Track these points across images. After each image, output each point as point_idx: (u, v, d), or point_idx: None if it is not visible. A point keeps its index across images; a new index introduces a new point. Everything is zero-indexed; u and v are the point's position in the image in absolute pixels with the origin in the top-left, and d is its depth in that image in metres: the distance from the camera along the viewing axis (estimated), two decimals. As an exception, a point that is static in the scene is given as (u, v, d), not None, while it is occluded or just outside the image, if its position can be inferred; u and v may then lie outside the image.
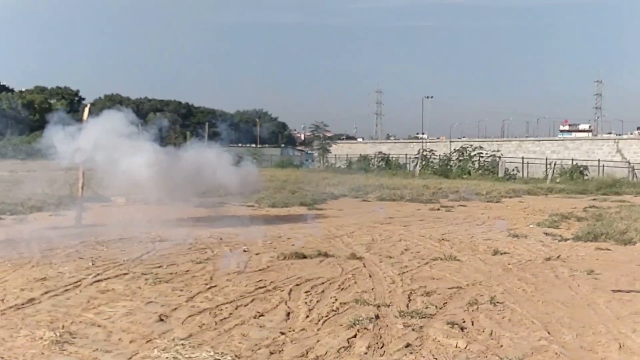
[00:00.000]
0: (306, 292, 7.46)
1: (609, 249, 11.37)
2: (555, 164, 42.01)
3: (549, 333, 5.97)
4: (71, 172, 13.70)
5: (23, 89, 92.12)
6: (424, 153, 49.20)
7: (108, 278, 7.97)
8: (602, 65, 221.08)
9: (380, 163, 52.68)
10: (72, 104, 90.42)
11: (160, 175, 13.77)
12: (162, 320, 6.16)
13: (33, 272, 8.27)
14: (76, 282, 7.70)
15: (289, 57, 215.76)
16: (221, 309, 6.57)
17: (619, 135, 76.37)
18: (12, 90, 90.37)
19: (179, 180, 14.37)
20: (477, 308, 6.87)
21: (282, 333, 5.80)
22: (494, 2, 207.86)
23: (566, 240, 12.48)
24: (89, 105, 14.53)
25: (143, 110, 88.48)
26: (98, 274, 8.17)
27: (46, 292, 7.12)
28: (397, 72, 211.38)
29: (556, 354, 5.42)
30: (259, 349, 5.38)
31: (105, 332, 5.73)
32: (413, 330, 5.97)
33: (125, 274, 8.26)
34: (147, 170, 13.50)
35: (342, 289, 7.71)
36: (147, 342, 5.49)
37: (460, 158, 46.36)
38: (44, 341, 5.41)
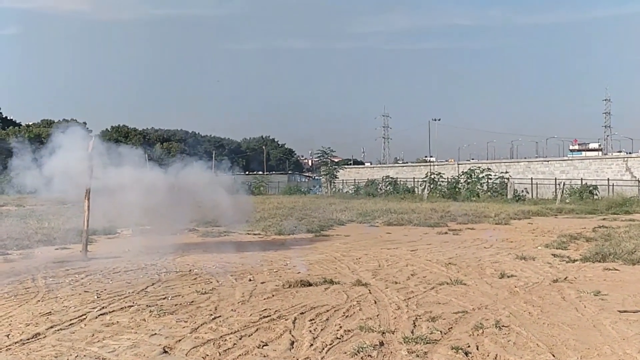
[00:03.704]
0: (311, 320, 7.45)
1: (616, 269, 11.31)
2: (564, 184, 41.87)
3: (553, 355, 5.94)
4: (77, 205, 13.74)
5: (30, 123, 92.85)
6: (432, 176, 49.14)
7: (113, 311, 7.98)
8: (610, 83, 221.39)
9: (388, 187, 52.65)
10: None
11: (164, 204, 13.85)
12: (166, 352, 6.16)
13: (39, 306, 8.30)
14: (81, 315, 7.72)
15: (295, 82, 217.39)
16: (225, 340, 6.56)
17: (629, 153, 76.14)
18: (19, 125, 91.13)
19: (180, 207, 14.46)
20: (482, 332, 6.84)
21: (286, 362, 5.79)
22: (500, 22, 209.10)
23: (574, 261, 12.42)
24: (93, 138, 14.61)
25: (150, 141, 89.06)
26: (103, 307, 8.19)
27: (51, 327, 7.13)
28: (404, 95, 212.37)
29: (561, 377, 5.39)
30: (262, 379, 5.37)
31: (109, 366, 5.73)
32: (417, 356, 5.95)
33: (130, 306, 8.27)
34: (152, 199, 13.58)
35: (347, 316, 7.69)
36: (151, 374, 5.49)
37: (469, 180, 46.27)
38: (47, 376, 5.42)
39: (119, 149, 15.24)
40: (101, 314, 7.80)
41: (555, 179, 48.21)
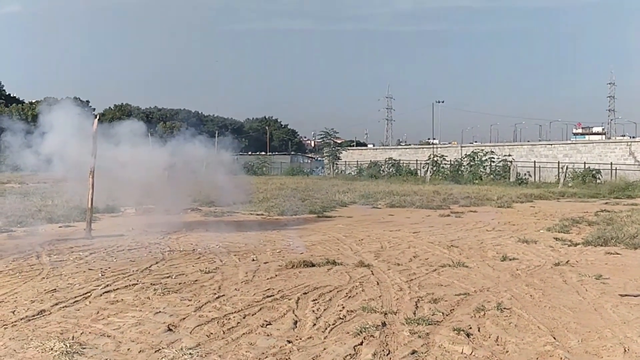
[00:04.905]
0: (314, 300, 7.49)
1: (618, 254, 11.35)
2: (567, 168, 41.88)
3: (554, 338, 5.98)
4: (81, 183, 13.77)
5: (33, 100, 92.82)
6: (435, 159, 49.16)
7: (117, 289, 8.04)
8: (615, 67, 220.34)
9: (391, 169, 52.68)
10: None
11: (163, 181, 13.93)
12: (170, 330, 6.21)
13: (43, 283, 8.36)
14: (86, 293, 7.77)
15: (298, 63, 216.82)
16: (229, 318, 6.61)
17: (633, 137, 75.96)
18: (22, 102, 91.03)
19: (180, 184, 14.54)
20: (484, 314, 6.88)
21: (289, 341, 5.84)
22: (505, 4, 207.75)
23: (576, 245, 12.47)
24: (97, 116, 14.63)
25: (153, 120, 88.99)
26: (107, 285, 8.24)
27: (56, 304, 7.19)
28: (408, 77, 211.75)
29: (561, 358, 5.44)
30: (266, 357, 5.43)
31: (114, 343, 5.79)
32: (419, 337, 5.99)
33: (134, 284, 8.33)
34: (152, 176, 13.66)
35: (350, 297, 7.74)
36: (156, 351, 5.55)
37: (472, 163, 46.30)
38: (54, 352, 5.47)
39: (120, 125, 15.22)
40: (106, 292, 7.85)
41: (559, 162, 48.21)
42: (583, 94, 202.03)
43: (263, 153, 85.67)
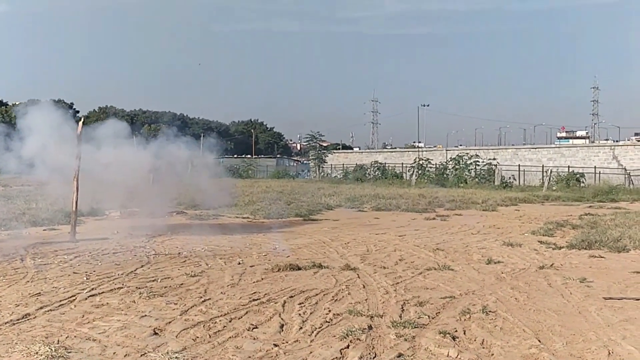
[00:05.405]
0: (300, 303, 7.50)
1: (602, 257, 11.43)
2: (551, 172, 42.13)
3: (539, 341, 6.03)
4: (65, 186, 13.69)
5: (17, 102, 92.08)
6: (421, 162, 49.29)
7: (102, 292, 8.00)
8: (599, 71, 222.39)
9: (377, 172, 52.75)
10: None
11: (152, 185, 13.90)
12: (156, 334, 6.19)
13: (28, 287, 8.30)
14: (71, 296, 7.73)
15: (284, 66, 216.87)
16: (215, 322, 6.60)
17: (616, 141, 76.65)
18: (6, 104, 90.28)
19: (163, 185, 14.51)
20: (469, 317, 6.92)
21: (276, 345, 5.84)
22: (491, 7, 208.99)
23: (560, 248, 12.54)
24: (82, 118, 14.54)
25: (138, 122, 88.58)
26: (93, 289, 8.20)
27: (41, 307, 7.14)
28: (393, 81, 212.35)
29: (546, 362, 5.48)
30: (252, 361, 5.43)
31: (100, 347, 5.76)
32: (405, 340, 6.01)
33: (119, 288, 8.29)
34: (142, 179, 13.62)
35: (336, 300, 7.75)
36: (142, 355, 5.53)
37: (457, 167, 46.44)
38: (39, 356, 5.44)
39: (103, 126, 15.09)
40: (91, 295, 7.81)
41: (543, 166, 48.52)
42: (567, 98, 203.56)
43: (249, 156, 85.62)
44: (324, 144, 71.36)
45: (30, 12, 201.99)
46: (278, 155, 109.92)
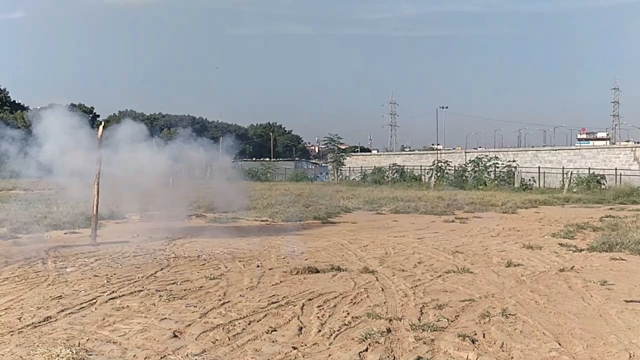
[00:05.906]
0: (318, 306, 7.50)
1: (623, 259, 11.34)
2: (571, 174, 41.83)
3: (559, 344, 5.99)
4: (86, 190, 13.82)
5: (38, 107, 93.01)
6: (439, 164, 49.13)
7: (123, 295, 8.06)
8: (619, 72, 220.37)
9: (395, 175, 52.66)
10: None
11: (172, 189, 13.98)
12: (176, 336, 6.23)
13: (49, 290, 8.38)
14: (92, 299, 7.79)
15: (302, 69, 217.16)
16: (234, 325, 6.63)
17: (637, 143, 75.89)
18: (27, 108, 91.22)
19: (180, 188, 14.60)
20: (489, 320, 6.89)
21: (294, 348, 5.85)
22: (509, 9, 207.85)
23: (581, 250, 12.45)
24: (103, 122, 14.66)
25: (157, 126, 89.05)
26: (113, 291, 8.26)
27: (62, 310, 7.21)
28: (412, 83, 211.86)
29: (567, 365, 5.44)
30: (271, 364, 5.44)
31: (120, 349, 5.81)
32: (424, 343, 6.00)
33: (139, 291, 8.35)
34: (161, 183, 13.71)
35: (355, 303, 7.75)
36: (162, 358, 5.56)
37: (476, 169, 46.25)
38: (60, 359, 5.48)
39: (121, 128, 15.17)
40: (111, 298, 7.87)
41: (563, 168, 48.17)
42: (587, 100, 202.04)
43: (267, 159, 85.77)
44: (342, 147, 71.30)
45: (50, 16, 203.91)
46: (296, 158, 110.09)
